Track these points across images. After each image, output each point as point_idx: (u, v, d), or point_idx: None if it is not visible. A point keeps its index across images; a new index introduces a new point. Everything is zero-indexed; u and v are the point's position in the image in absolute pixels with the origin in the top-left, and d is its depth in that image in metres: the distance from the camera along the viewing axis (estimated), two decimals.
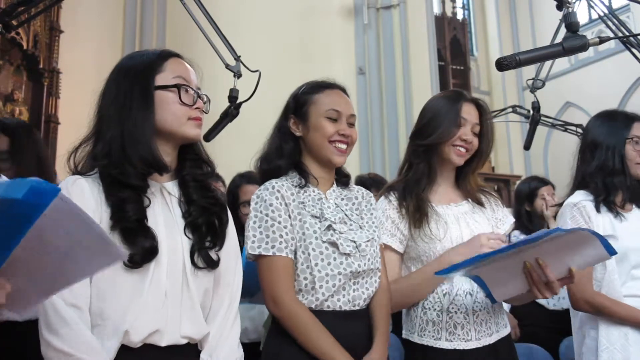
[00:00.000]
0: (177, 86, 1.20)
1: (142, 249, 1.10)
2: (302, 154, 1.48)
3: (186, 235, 1.20)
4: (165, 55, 1.25)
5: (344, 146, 1.44)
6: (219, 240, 1.24)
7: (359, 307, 1.38)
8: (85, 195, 1.12)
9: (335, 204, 1.45)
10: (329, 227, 1.38)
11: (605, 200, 1.72)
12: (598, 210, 1.71)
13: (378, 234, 1.49)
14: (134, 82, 1.19)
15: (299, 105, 1.48)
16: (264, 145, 1.50)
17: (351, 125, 1.47)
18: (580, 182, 1.80)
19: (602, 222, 1.70)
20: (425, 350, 1.50)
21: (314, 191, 1.44)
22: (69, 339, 1.04)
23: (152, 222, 1.15)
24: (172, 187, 1.24)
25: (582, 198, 1.74)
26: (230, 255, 1.28)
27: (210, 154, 1.32)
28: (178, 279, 1.16)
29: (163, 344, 1.13)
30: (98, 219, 1.10)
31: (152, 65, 1.21)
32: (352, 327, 1.36)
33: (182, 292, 1.16)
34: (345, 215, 1.44)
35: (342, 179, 1.53)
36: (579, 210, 1.70)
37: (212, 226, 1.24)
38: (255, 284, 1.39)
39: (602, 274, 1.68)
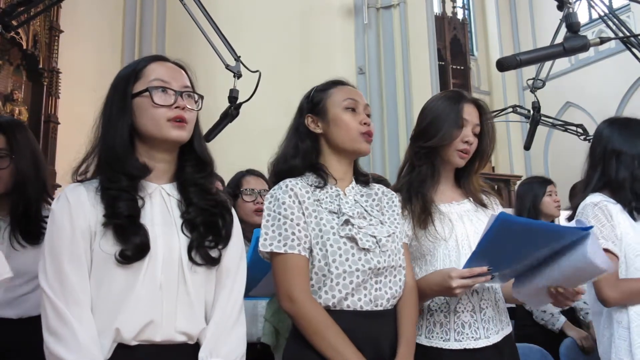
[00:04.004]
0: (148, 89, 1.20)
1: (133, 245, 1.11)
2: (319, 154, 1.46)
3: (183, 233, 1.20)
4: (147, 61, 1.26)
5: (368, 135, 1.44)
6: (222, 239, 1.24)
7: (382, 308, 1.35)
8: (81, 199, 1.15)
9: (355, 199, 1.44)
10: (347, 222, 1.35)
11: (637, 207, 1.73)
12: (633, 217, 1.72)
13: (400, 229, 1.47)
14: (114, 94, 1.23)
15: (314, 103, 1.47)
16: (279, 147, 1.49)
17: (368, 116, 1.47)
18: (601, 187, 1.80)
19: (624, 222, 1.70)
20: (433, 352, 1.48)
21: (331, 188, 1.42)
22: (67, 342, 1.05)
23: (147, 221, 1.16)
24: (170, 188, 1.24)
25: (601, 199, 1.75)
26: (233, 253, 1.28)
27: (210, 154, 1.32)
28: (174, 273, 1.17)
29: (158, 338, 1.13)
30: (94, 219, 1.14)
31: (130, 75, 1.23)
32: (375, 327, 1.32)
33: (177, 287, 1.16)
34: (365, 210, 1.42)
35: (361, 177, 1.51)
36: (601, 209, 1.71)
37: (214, 226, 1.24)
38: (250, 280, 1.38)
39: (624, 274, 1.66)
